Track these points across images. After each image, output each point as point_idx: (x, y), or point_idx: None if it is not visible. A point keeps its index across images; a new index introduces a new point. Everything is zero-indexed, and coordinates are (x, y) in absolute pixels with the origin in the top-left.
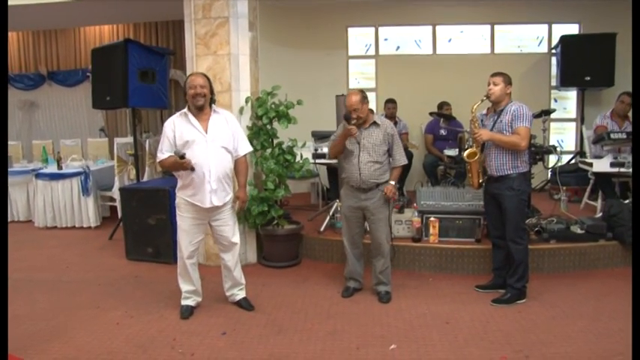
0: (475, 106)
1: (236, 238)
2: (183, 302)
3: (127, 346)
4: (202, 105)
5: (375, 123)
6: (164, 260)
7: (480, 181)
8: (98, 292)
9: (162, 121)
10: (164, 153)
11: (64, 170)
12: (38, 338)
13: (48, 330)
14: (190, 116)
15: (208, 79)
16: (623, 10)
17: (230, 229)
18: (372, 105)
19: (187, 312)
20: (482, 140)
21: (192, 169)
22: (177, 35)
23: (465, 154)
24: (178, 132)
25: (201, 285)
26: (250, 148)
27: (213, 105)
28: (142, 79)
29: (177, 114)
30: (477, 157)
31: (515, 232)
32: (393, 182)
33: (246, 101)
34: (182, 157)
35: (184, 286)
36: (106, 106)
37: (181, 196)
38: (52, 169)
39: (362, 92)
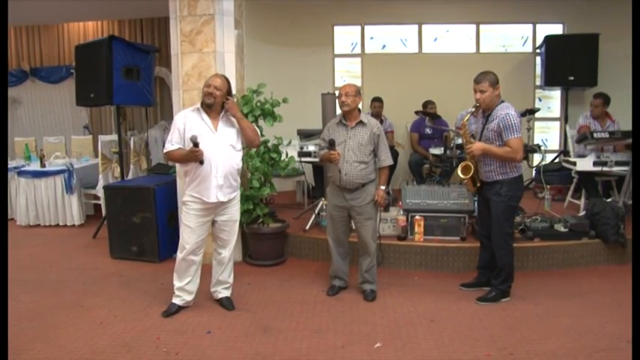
0: (466, 120)
1: (234, 242)
2: (173, 300)
3: (111, 345)
4: (211, 104)
5: (361, 122)
6: (149, 259)
7: (478, 185)
8: (82, 291)
9: (148, 119)
10: (174, 144)
11: (47, 168)
12: (21, 338)
13: (31, 330)
14: (203, 113)
15: (228, 82)
16: (606, 10)
17: (232, 229)
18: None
19: (173, 309)
20: (476, 156)
21: (202, 162)
22: (163, 32)
23: (459, 170)
24: (188, 125)
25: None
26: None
27: None
28: (126, 76)
29: (191, 108)
30: (471, 173)
31: (501, 237)
32: (383, 187)
33: None
34: (196, 144)
35: (177, 283)
36: (91, 103)
37: (189, 193)
38: (34, 166)
39: (358, 88)
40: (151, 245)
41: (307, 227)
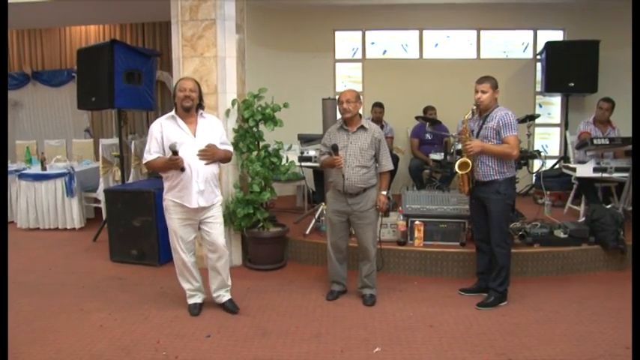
0: (466, 117)
1: (225, 245)
2: (190, 300)
3: (110, 348)
4: (190, 107)
5: (362, 127)
6: (149, 262)
7: (471, 187)
8: (82, 294)
9: (149, 123)
10: (152, 154)
11: (48, 171)
12: (19, 341)
13: (30, 333)
14: (178, 119)
15: (198, 84)
16: (606, 17)
17: (218, 231)
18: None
19: (196, 309)
20: (475, 153)
21: (183, 169)
22: (164, 37)
23: (457, 166)
24: (166, 133)
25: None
26: (231, 149)
27: (200, 110)
28: (127, 80)
29: (165, 116)
30: (469, 169)
31: (500, 235)
32: (384, 192)
33: (233, 104)
34: (175, 152)
35: (186, 285)
36: (92, 106)
37: (169, 198)
38: (35, 169)
39: (358, 93)
40: (151, 249)
41: (307, 232)
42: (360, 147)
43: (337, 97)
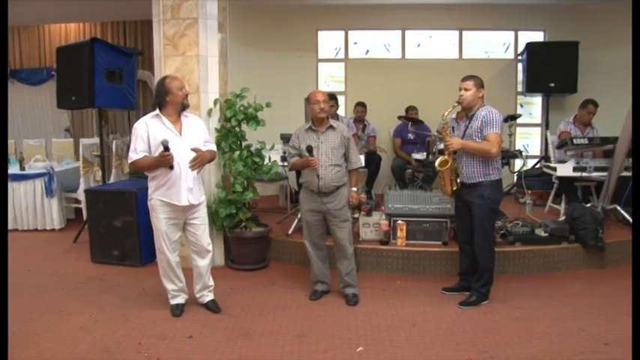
0: (446, 113)
1: (209, 245)
2: (173, 301)
3: (91, 350)
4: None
5: (331, 126)
6: (130, 263)
7: (454, 188)
8: (62, 295)
9: (130, 122)
10: (138, 153)
11: (27, 171)
12: None
13: (9, 335)
14: (164, 118)
15: None
16: (585, 20)
17: (204, 232)
18: (341, 108)
19: (178, 310)
20: (454, 149)
21: (172, 167)
22: (146, 35)
23: (437, 162)
24: (152, 132)
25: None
26: (215, 147)
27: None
28: (108, 79)
29: (149, 115)
30: (448, 166)
31: (484, 239)
32: (354, 188)
33: (215, 103)
34: (167, 148)
35: (170, 285)
36: (72, 106)
37: (157, 198)
38: (13, 169)
39: (331, 95)
40: (132, 249)
41: (290, 231)
42: (331, 146)
43: (308, 97)
